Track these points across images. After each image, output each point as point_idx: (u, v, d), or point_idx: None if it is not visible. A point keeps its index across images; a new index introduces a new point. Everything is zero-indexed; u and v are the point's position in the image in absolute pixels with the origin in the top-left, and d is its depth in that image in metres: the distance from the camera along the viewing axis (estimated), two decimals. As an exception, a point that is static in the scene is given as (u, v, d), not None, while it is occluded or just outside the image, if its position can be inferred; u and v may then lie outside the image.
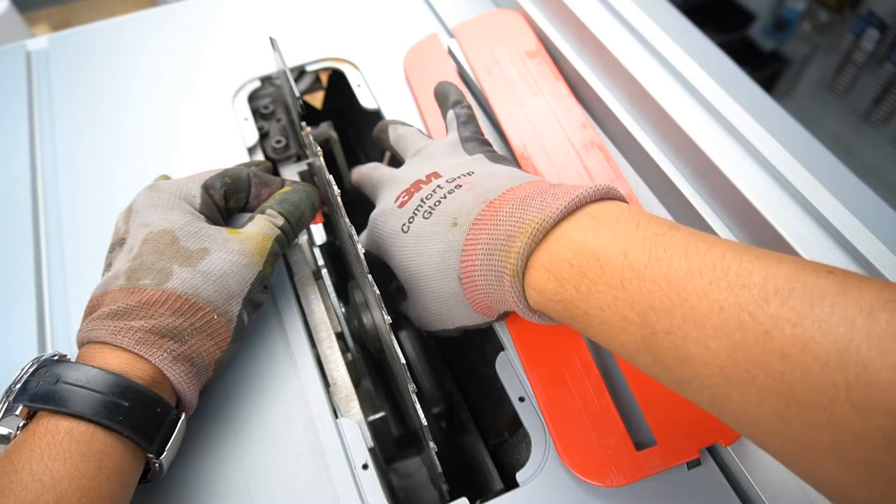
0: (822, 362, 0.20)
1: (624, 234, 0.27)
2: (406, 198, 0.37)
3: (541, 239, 0.29)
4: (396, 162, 0.44)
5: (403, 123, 0.44)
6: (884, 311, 0.20)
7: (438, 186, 0.36)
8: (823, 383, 0.20)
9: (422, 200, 0.36)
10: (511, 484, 0.34)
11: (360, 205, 0.46)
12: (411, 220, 0.35)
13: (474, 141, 0.40)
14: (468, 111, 0.42)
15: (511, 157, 0.44)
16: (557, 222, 0.29)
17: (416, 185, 0.37)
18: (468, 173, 0.36)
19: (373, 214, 0.39)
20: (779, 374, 0.21)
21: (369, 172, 0.42)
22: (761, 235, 0.38)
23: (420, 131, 0.43)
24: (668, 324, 0.24)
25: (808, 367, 0.21)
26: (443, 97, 0.44)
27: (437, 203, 0.35)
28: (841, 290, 0.22)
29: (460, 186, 0.35)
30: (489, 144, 0.40)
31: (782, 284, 0.22)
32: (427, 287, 0.35)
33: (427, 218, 0.35)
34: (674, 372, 0.25)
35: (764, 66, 1.38)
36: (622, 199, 0.31)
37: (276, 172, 0.49)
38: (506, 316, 0.36)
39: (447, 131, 0.42)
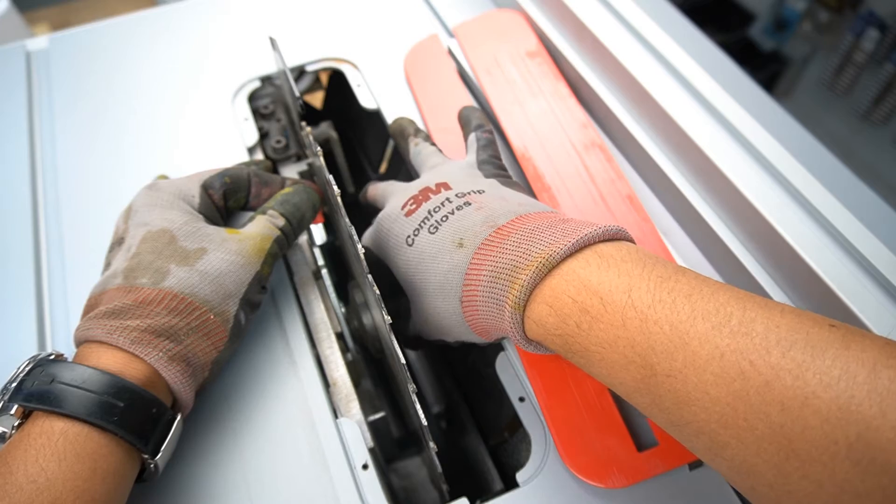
0: (822, 417, 0.20)
1: (629, 274, 0.27)
2: (413, 206, 0.36)
3: (546, 274, 0.28)
4: (397, 162, 0.44)
5: (426, 139, 0.43)
6: (886, 368, 0.20)
7: (447, 199, 0.35)
8: (824, 439, 0.20)
9: (429, 212, 0.35)
10: (511, 484, 0.34)
11: (360, 205, 0.46)
12: (416, 232, 0.35)
13: (490, 164, 0.39)
14: (489, 136, 0.41)
15: (525, 185, 0.44)
16: (564, 258, 0.28)
17: (425, 194, 0.36)
18: (478, 191, 0.36)
19: (379, 216, 0.39)
20: (778, 426, 0.21)
21: (385, 186, 0.42)
22: (761, 235, 0.38)
23: (439, 151, 0.43)
24: (668, 366, 0.24)
25: (808, 422, 0.21)
26: (466, 121, 0.43)
27: (444, 218, 0.34)
28: (843, 343, 0.21)
29: (469, 204, 0.34)
30: (505, 170, 0.40)
31: (784, 335, 0.22)
32: (428, 302, 0.34)
33: (433, 233, 0.34)
34: (671, 414, 0.25)
35: (764, 66, 1.38)
36: (631, 240, 0.31)
37: (275, 172, 0.49)
38: (502, 339, 0.36)
39: (466, 153, 0.42)
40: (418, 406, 0.30)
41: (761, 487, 0.23)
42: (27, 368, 0.29)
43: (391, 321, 0.32)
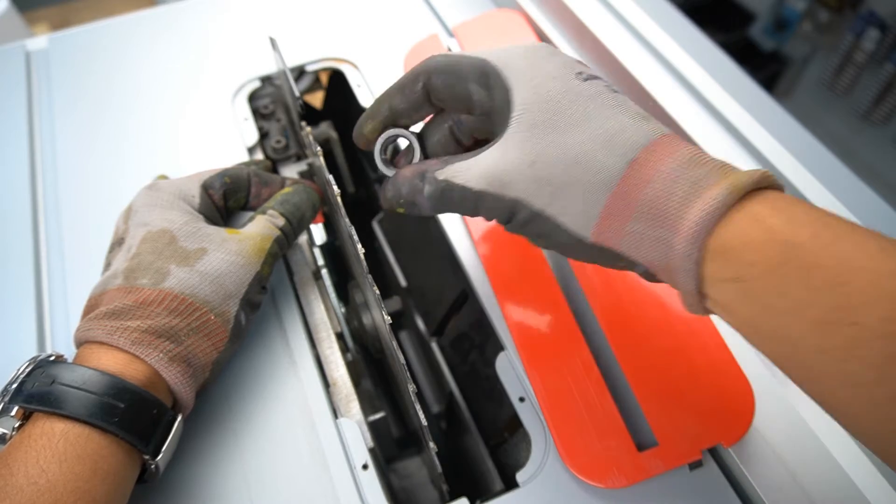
0: None
1: (824, 223, 0.23)
2: (584, 70, 0.29)
3: (740, 198, 0.24)
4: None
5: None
6: None
7: (600, 77, 0.30)
8: None
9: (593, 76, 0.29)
10: (511, 484, 0.34)
11: (360, 205, 0.46)
12: (589, 79, 0.29)
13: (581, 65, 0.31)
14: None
15: None
16: (749, 191, 0.24)
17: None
18: (614, 90, 0.29)
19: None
20: None
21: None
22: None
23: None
24: (889, 329, 0.21)
25: None
26: None
27: (614, 91, 0.29)
28: None
29: (620, 93, 0.29)
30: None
31: None
32: (574, 138, 0.27)
33: (614, 91, 0.29)
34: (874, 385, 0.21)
35: (764, 66, 1.38)
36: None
37: (275, 172, 0.49)
38: (610, 247, 0.28)
39: None
40: (418, 406, 0.30)
41: None
42: (27, 369, 0.29)
43: (391, 321, 0.32)
